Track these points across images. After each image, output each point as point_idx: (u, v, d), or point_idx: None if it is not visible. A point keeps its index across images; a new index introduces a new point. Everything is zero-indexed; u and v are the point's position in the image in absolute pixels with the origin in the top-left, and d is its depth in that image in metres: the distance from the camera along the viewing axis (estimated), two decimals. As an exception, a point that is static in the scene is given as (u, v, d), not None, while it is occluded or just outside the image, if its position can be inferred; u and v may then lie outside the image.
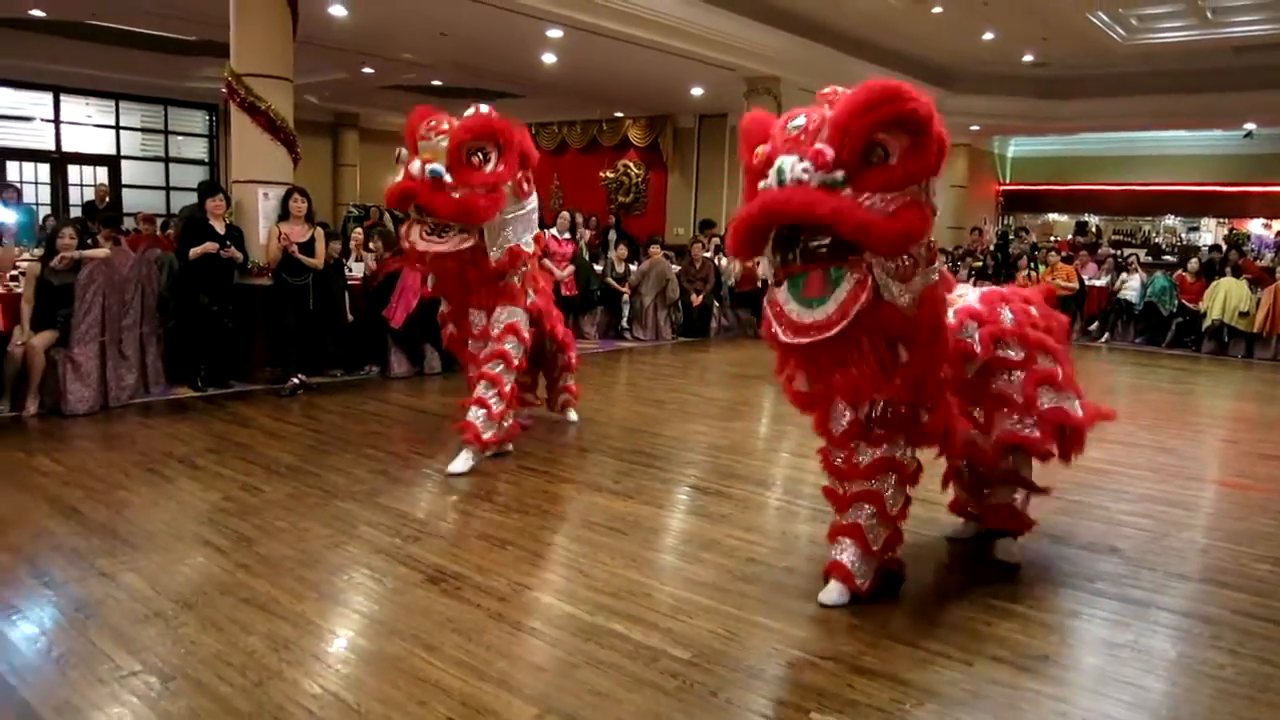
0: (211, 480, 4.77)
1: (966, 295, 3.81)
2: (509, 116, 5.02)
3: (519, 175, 5.02)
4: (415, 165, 4.73)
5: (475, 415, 5.07)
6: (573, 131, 18.75)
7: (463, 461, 5.05)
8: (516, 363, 5.19)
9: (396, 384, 7.74)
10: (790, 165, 2.95)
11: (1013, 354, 3.65)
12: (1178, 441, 6.89)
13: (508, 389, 5.15)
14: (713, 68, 11.99)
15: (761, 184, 3.08)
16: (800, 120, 3.04)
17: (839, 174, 2.91)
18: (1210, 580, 3.91)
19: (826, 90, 3.15)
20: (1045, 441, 3.75)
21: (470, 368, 5.33)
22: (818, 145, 2.93)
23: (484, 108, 4.91)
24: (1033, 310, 3.84)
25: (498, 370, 5.11)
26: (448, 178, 4.68)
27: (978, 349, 3.54)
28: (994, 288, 4.01)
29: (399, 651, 2.97)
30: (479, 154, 4.80)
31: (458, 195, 4.69)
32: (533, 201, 5.22)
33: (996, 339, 3.61)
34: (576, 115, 18.23)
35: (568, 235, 11.33)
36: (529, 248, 5.20)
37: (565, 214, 11.51)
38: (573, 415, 6.37)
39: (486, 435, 5.08)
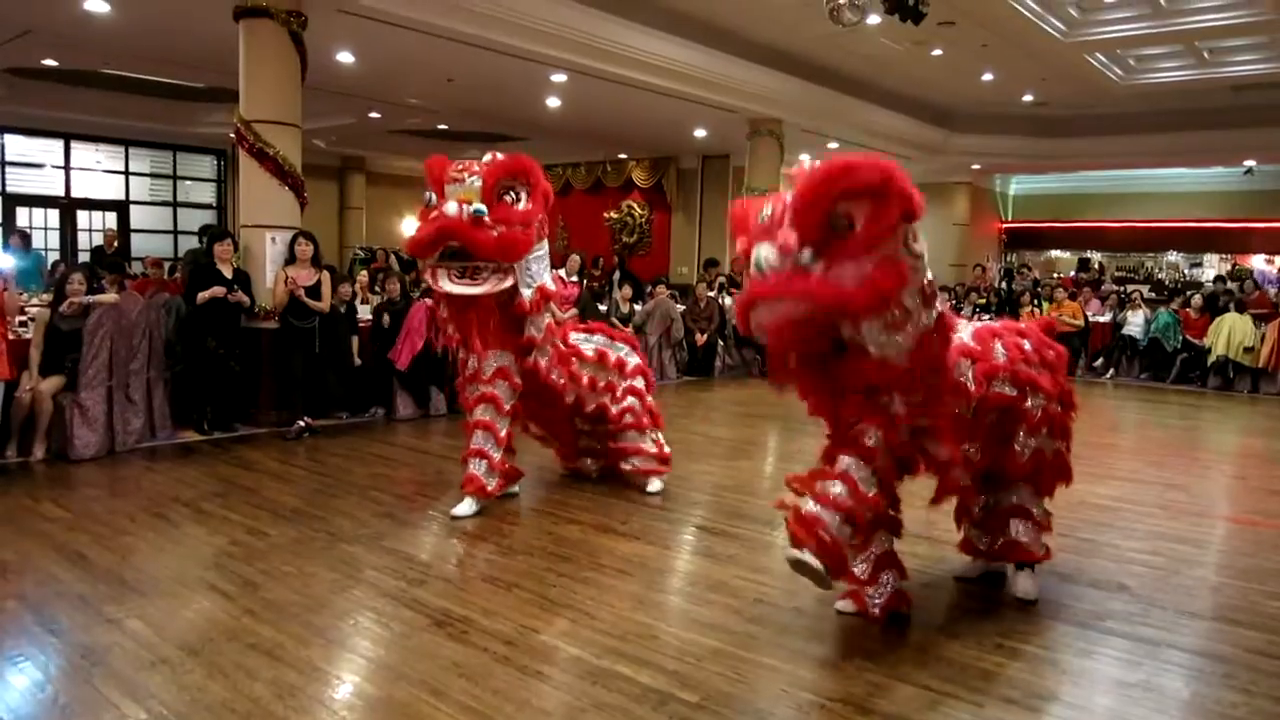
0: (217, 525, 4.77)
1: (960, 332, 3.84)
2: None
3: (541, 216, 5.05)
4: (451, 206, 4.67)
5: (477, 467, 5.06)
6: (577, 173, 18.94)
7: (467, 506, 5.04)
8: (508, 407, 5.14)
9: (402, 426, 7.75)
10: (765, 255, 3.11)
11: (1007, 390, 3.67)
12: (1186, 478, 6.87)
13: (503, 434, 5.13)
14: (715, 110, 12.13)
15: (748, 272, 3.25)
16: (768, 209, 3.20)
17: (805, 254, 3.05)
18: (1222, 618, 3.88)
19: (793, 167, 3.29)
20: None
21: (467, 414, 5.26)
22: (782, 231, 3.09)
23: (499, 155, 4.94)
24: (1026, 345, 3.86)
25: (489, 416, 5.08)
26: (488, 216, 4.70)
27: (972, 387, 3.55)
28: (988, 323, 4.05)
29: (405, 697, 2.95)
30: (511, 192, 4.85)
31: (497, 233, 4.70)
32: (544, 247, 5.20)
33: (990, 376, 3.63)
34: (581, 157, 18.43)
35: (574, 278, 11.36)
36: (553, 287, 5.20)
37: (575, 256, 11.53)
38: (653, 486, 5.69)
39: (490, 486, 5.07)
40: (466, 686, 3.02)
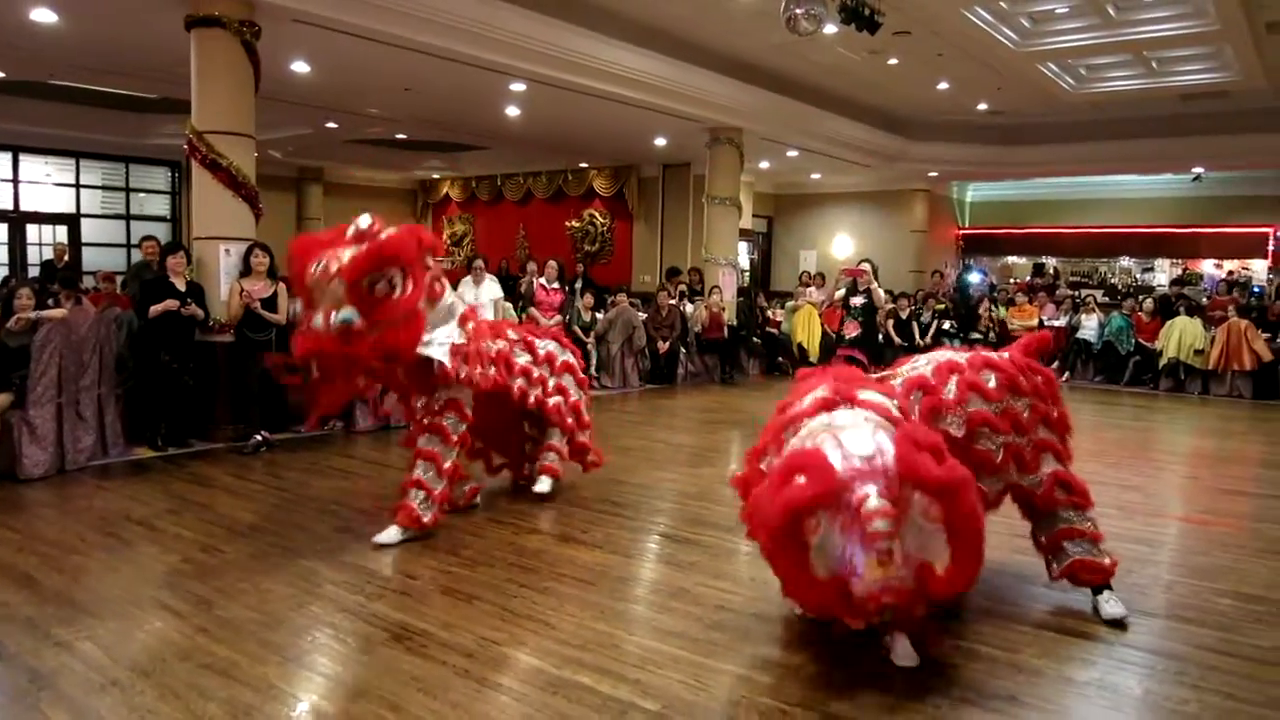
0: (171, 542, 4.68)
1: (918, 364, 3.86)
2: (398, 219, 4.72)
3: (426, 282, 4.56)
4: (318, 320, 4.20)
5: (414, 497, 4.78)
6: (538, 182, 18.91)
7: (392, 533, 4.72)
8: (456, 438, 4.89)
9: (361, 439, 7.67)
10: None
11: (952, 430, 3.61)
12: (1140, 478, 6.98)
13: (447, 466, 4.86)
14: (676, 119, 12.17)
15: None
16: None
17: None
18: (1174, 616, 3.95)
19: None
20: None
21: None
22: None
23: (364, 221, 4.42)
24: (990, 381, 3.74)
25: (434, 447, 4.83)
26: (359, 321, 4.20)
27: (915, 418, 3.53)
28: (952, 358, 3.89)
29: (364, 713, 2.92)
30: (384, 282, 4.32)
31: (375, 336, 4.26)
32: (447, 295, 4.81)
33: (935, 411, 3.61)
34: (542, 166, 18.40)
35: (556, 285, 11.34)
36: (460, 338, 4.79)
37: (553, 263, 11.50)
38: (543, 485, 5.62)
39: (426, 518, 4.77)
40: (425, 701, 2.99)
